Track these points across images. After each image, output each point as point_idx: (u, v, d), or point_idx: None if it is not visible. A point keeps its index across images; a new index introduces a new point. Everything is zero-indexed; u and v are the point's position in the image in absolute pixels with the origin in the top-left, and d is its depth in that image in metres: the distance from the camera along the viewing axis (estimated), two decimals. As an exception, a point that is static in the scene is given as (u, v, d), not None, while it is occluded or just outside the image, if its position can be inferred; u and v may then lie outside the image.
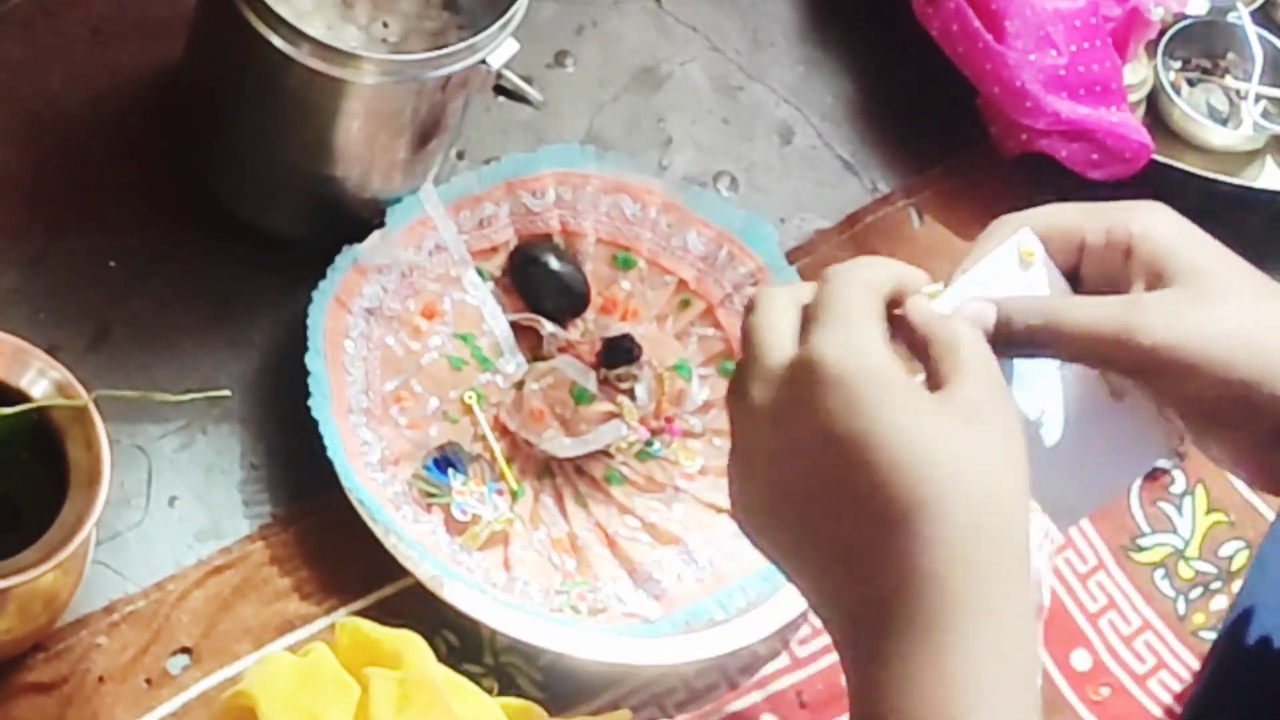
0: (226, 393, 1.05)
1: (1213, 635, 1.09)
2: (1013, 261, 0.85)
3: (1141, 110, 1.26)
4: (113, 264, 1.09)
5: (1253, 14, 1.28)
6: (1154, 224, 0.85)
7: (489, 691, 0.93)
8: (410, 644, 0.90)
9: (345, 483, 1.00)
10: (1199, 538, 1.13)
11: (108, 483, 0.90)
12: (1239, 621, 1.07)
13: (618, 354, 1.09)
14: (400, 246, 1.08)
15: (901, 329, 0.79)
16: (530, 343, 1.11)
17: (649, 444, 1.08)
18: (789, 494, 0.77)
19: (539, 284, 1.11)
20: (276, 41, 0.98)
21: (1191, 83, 1.28)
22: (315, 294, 1.05)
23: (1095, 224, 0.85)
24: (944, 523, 0.74)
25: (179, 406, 1.04)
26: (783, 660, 1.04)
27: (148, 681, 0.97)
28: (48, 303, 1.06)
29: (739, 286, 1.12)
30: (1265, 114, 1.27)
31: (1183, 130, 1.26)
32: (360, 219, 1.08)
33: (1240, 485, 1.14)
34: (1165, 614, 1.10)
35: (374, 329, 1.07)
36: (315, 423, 1.01)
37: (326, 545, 1.02)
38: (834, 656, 0.92)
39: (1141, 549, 1.12)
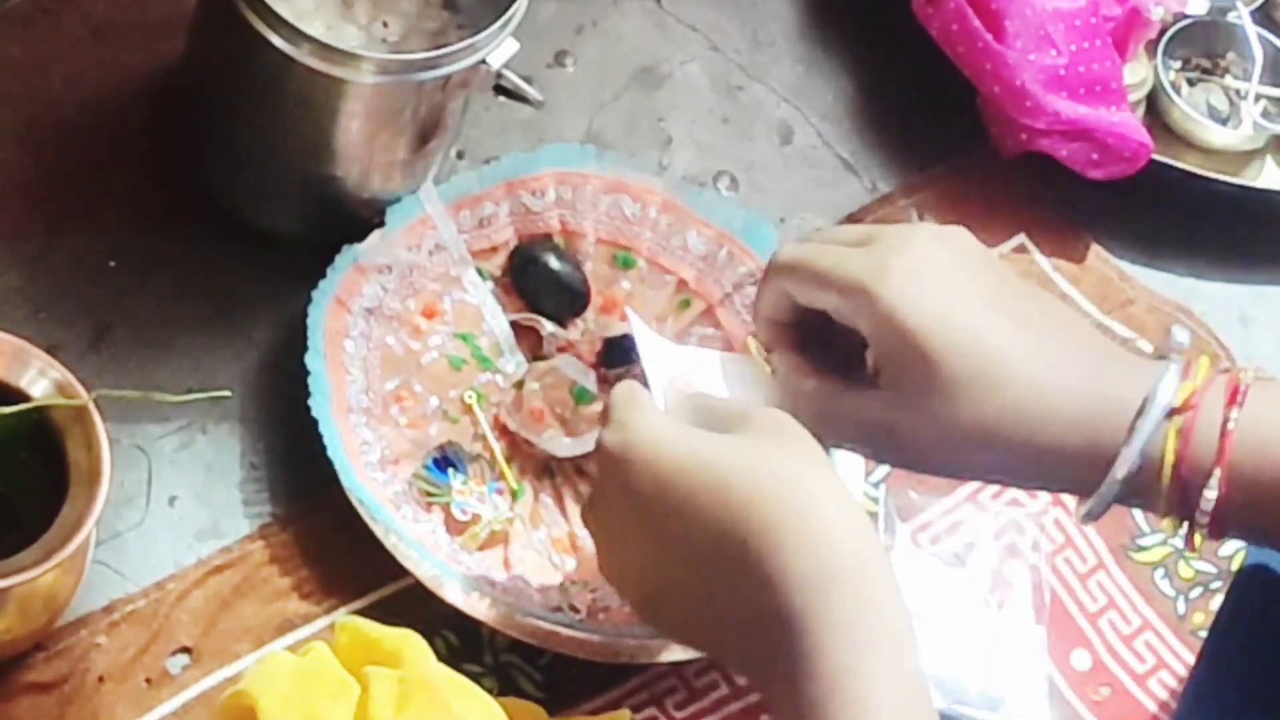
0: (226, 393, 1.05)
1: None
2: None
3: (1141, 110, 1.26)
4: (113, 264, 1.09)
5: (1253, 14, 1.28)
6: (900, 304, 0.85)
7: (489, 691, 0.93)
8: (410, 643, 0.90)
9: (345, 482, 1.00)
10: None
11: (108, 483, 0.90)
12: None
13: (618, 354, 1.09)
14: (400, 246, 1.08)
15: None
16: (530, 343, 1.11)
17: (649, 444, 1.08)
18: (646, 568, 0.83)
19: (539, 284, 1.11)
20: (276, 41, 0.98)
21: (1191, 82, 1.28)
22: (315, 294, 1.05)
23: (840, 287, 0.87)
24: (759, 523, 0.78)
25: (179, 406, 1.04)
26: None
27: (148, 681, 0.97)
28: (48, 302, 1.07)
29: (739, 286, 1.12)
30: (1265, 114, 1.27)
31: (1182, 130, 1.26)
32: (360, 219, 1.08)
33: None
34: (1165, 614, 1.10)
35: (374, 329, 1.07)
36: (315, 422, 1.01)
37: (326, 545, 1.02)
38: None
39: (1141, 549, 1.12)
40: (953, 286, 0.86)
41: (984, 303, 0.86)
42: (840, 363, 0.90)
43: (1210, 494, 0.84)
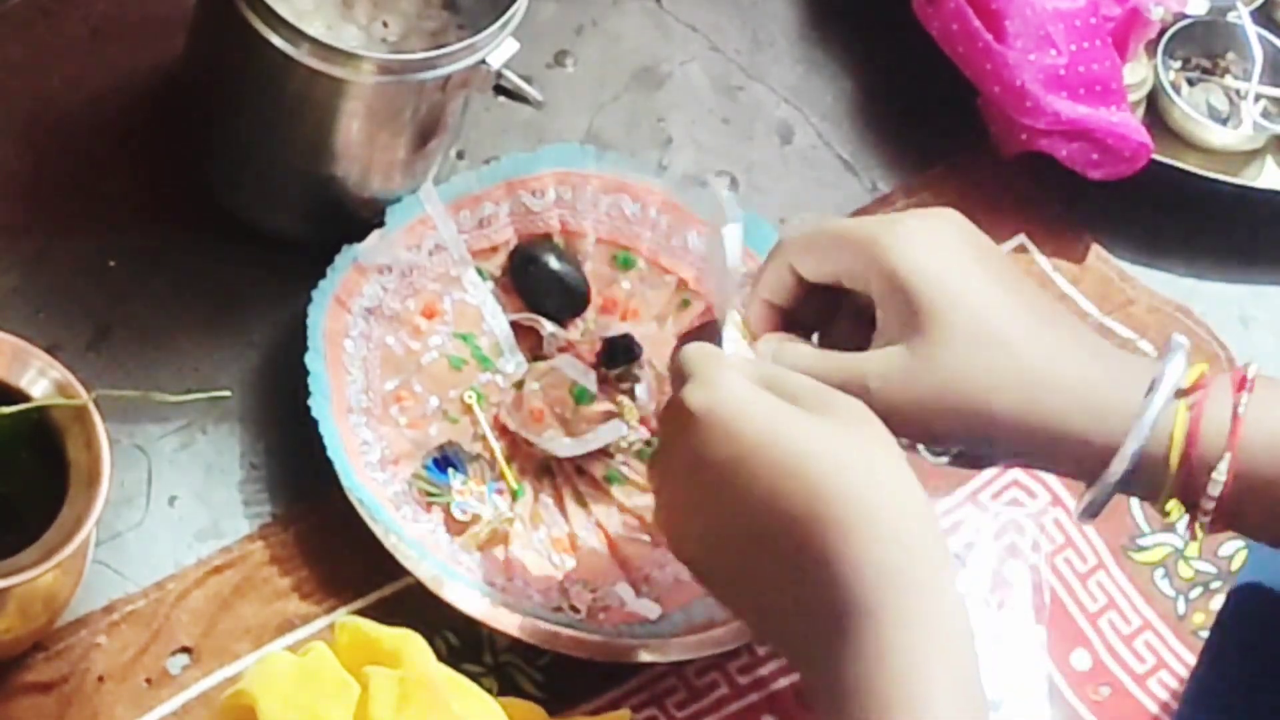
0: (226, 393, 1.05)
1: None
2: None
3: (1141, 110, 1.26)
4: (113, 264, 1.09)
5: (1253, 14, 1.28)
6: (901, 257, 0.87)
7: (489, 691, 0.93)
8: (410, 643, 0.90)
9: (345, 483, 1.00)
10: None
11: (108, 483, 0.90)
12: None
13: (618, 354, 1.09)
14: (400, 246, 1.08)
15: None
16: (530, 343, 1.11)
17: (649, 444, 1.08)
18: (708, 536, 0.83)
19: (539, 284, 1.11)
20: (276, 41, 0.98)
21: (1191, 82, 1.28)
22: (315, 294, 1.05)
23: (848, 247, 0.88)
24: (836, 510, 0.78)
25: (179, 406, 1.04)
26: (782, 660, 1.04)
27: (148, 681, 0.97)
28: (48, 302, 1.07)
29: (739, 286, 1.12)
30: (1265, 114, 1.27)
31: (1183, 130, 1.26)
32: (360, 219, 1.08)
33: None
34: (1165, 614, 1.10)
35: (374, 328, 1.07)
36: (315, 422, 1.01)
37: (326, 545, 1.02)
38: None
39: (1141, 549, 1.12)
40: (963, 252, 0.88)
41: (993, 276, 0.87)
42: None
43: (1219, 478, 0.83)
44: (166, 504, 1.03)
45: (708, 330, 0.95)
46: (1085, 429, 0.85)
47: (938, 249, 0.87)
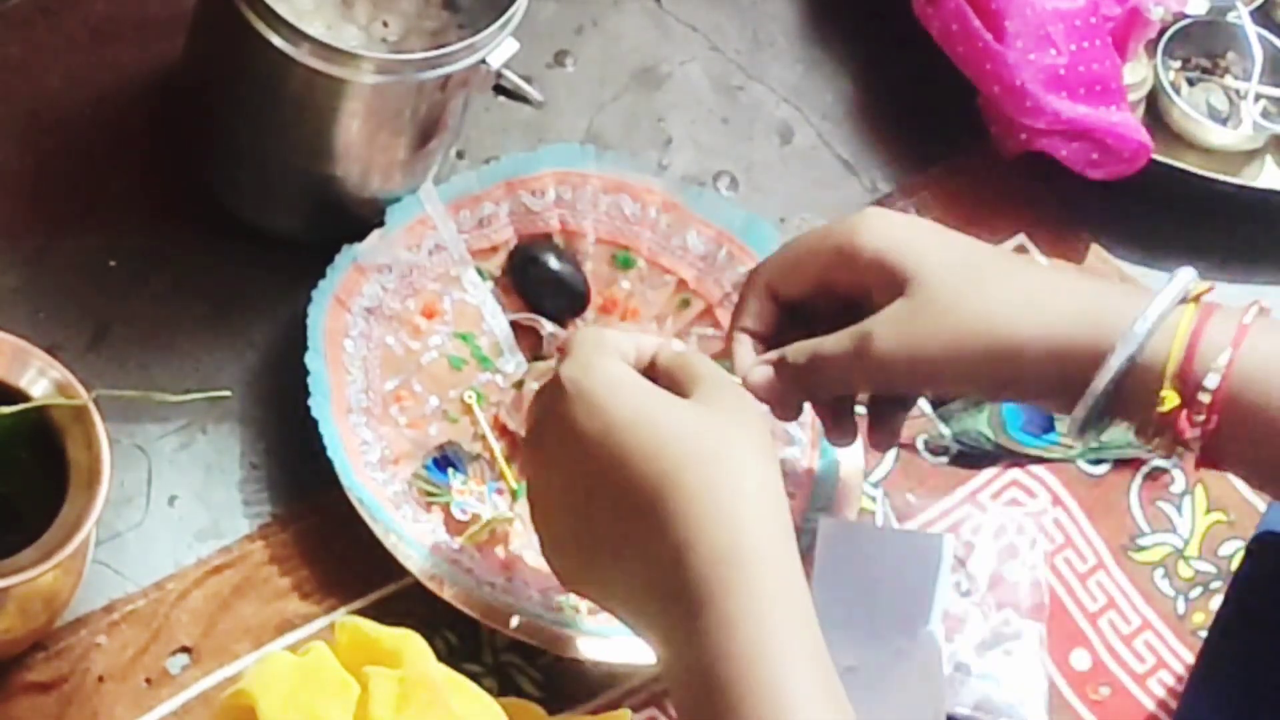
0: (226, 393, 1.05)
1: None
2: None
3: (1141, 110, 1.26)
4: (113, 264, 1.09)
5: (1253, 14, 1.28)
6: (871, 236, 0.92)
7: (489, 691, 0.93)
8: (410, 643, 0.90)
9: (345, 482, 1.00)
10: (1198, 537, 1.13)
11: (108, 483, 0.90)
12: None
13: (617, 354, 1.09)
14: (400, 246, 1.08)
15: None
16: (530, 342, 1.11)
17: (649, 444, 1.08)
18: (569, 514, 0.85)
19: (539, 284, 1.11)
20: (276, 41, 0.98)
21: (1191, 82, 1.28)
22: (315, 293, 1.05)
23: (823, 251, 0.94)
24: (683, 491, 0.80)
25: (179, 406, 1.04)
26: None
27: (148, 681, 0.97)
28: (48, 302, 1.07)
29: (739, 286, 1.12)
30: (1265, 113, 1.27)
31: (1182, 130, 1.26)
32: (360, 219, 1.08)
33: (1240, 485, 1.14)
34: (1165, 614, 1.10)
35: (374, 328, 1.07)
36: (315, 422, 1.01)
37: (326, 545, 1.02)
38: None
39: (1141, 548, 1.12)
40: (919, 221, 0.95)
41: (953, 234, 0.94)
42: None
43: (1215, 375, 0.84)
44: (166, 504, 1.03)
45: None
46: (1085, 335, 0.86)
47: (897, 223, 0.93)
